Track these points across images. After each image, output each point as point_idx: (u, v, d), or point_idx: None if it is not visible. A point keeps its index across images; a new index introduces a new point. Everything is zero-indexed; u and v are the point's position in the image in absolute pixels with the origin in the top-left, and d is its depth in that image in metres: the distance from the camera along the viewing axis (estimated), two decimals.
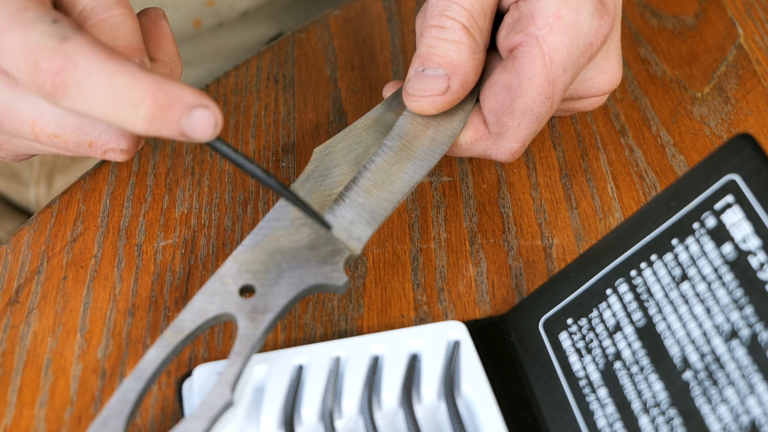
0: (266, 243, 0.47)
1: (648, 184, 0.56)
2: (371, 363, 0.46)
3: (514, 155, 0.53)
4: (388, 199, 0.49)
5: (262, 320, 0.44)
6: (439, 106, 0.51)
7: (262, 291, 0.45)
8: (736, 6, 0.67)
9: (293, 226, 0.47)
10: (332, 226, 0.47)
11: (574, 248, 0.53)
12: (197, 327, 0.44)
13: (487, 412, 0.44)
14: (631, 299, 0.44)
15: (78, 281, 0.51)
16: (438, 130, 0.52)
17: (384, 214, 0.49)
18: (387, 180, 0.50)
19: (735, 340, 0.40)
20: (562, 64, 0.50)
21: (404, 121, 0.52)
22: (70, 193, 0.56)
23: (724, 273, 0.41)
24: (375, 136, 0.52)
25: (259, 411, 0.45)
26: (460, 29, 0.51)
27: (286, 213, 0.48)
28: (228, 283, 0.45)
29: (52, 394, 0.47)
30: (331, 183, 0.49)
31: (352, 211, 0.48)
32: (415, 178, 0.50)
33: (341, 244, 0.47)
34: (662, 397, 0.41)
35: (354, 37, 0.65)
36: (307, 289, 0.45)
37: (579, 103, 0.56)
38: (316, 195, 0.49)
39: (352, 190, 0.49)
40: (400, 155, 0.51)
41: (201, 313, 0.44)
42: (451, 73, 0.51)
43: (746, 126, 0.59)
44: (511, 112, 0.51)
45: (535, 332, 0.47)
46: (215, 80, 0.63)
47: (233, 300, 0.45)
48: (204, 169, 0.57)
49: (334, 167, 0.50)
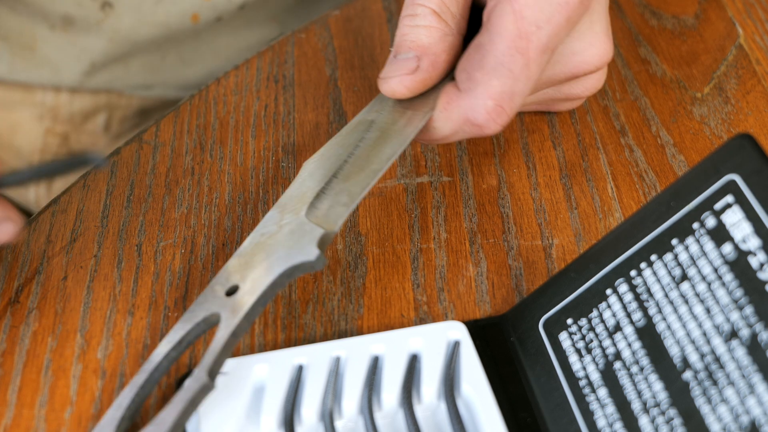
0: (253, 248, 0.47)
1: (648, 184, 0.56)
2: (371, 363, 0.46)
3: (491, 115, 0.50)
4: (364, 179, 0.49)
5: (241, 309, 0.45)
6: (410, 84, 0.51)
7: (244, 287, 0.46)
8: (736, 6, 0.67)
9: (278, 227, 0.48)
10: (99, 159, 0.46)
11: (574, 248, 0.53)
12: (186, 332, 0.45)
13: (487, 412, 0.44)
14: (631, 299, 0.44)
15: (78, 281, 0.52)
16: (415, 112, 0.52)
17: (360, 193, 0.49)
18: (365, 165, 0.50)
19: (735, 340, 0.40)
20: (534, 20, 0.50)
21: (383, 115, 0.52)
22: (70, 193, 0.56)
23: (724, 273, 0.41)
24: (357, 135, 0.52)
25: (259, 411, 0.45)
26: (430, 14, 0.52)
27: (273, 220, 0.48)
28: (217, 290, 0.46)
29: (52, 394, 0.47)
30: (312, 184, 0.50)
31: (331, 198, 0.49)
32: (391, 154, 0.50)
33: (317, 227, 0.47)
34: (662, 397, 0.41)
35: (354, 37, 0.65)
36: (284, 272, 0.46)
37: (574, 87, 0.56)
38: (299, 198, 0.49)
39: (332, 182, 0.50)
40: (378, 142, 0.51)
41: (190, 320, 0.45)
42: (420, 54, 0.51)
43: (746, 126, 0.59)
44: (481, 67, 0.50)
45: (535, 332, 0.47)
46: (215, 80, 0.63)
47: (219, 301, 0.46)
48: (204, 169, 0.57)
49: (318, 170, 0.51)
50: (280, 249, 0.47)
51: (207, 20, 0.72)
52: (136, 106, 0.77)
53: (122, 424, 0.43)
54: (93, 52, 0.73)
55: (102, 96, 0.76)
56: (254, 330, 0.50)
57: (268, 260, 0.46)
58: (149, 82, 0.76)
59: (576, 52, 0.54)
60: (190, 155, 0.58)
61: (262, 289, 0.45)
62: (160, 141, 0.59)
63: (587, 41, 0.54)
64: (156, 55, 0.74)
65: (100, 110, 0.76)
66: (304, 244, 0.47)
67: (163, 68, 0.75)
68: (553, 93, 0.57)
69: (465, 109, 0.51)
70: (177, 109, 0.61)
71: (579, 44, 0.54)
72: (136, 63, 0.74)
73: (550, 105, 0.59)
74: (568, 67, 0.54)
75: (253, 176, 0.57)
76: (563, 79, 0.55)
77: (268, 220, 0.49)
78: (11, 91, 0.75)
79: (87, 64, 0.73)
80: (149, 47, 0.73)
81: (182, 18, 0.72)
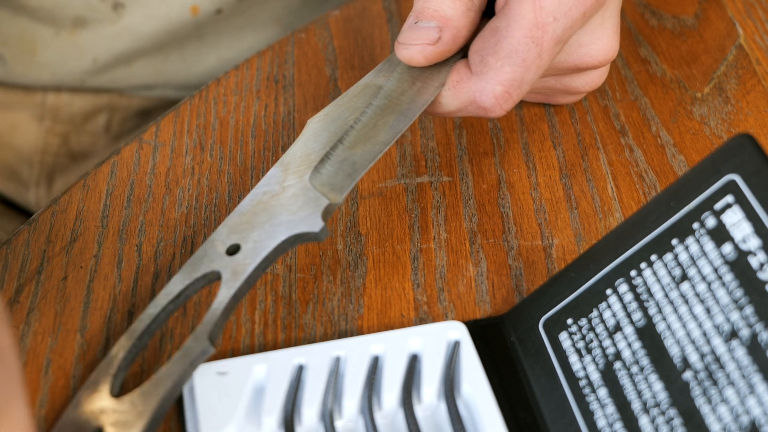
0: (255, 206, 0.48)
1: (648, 184, 0.56)
2: (371, 363, 0.46)
3: (498, 101, 0.51)
4: (370, 150, 0.50)
5: (243, 272, 0.46)
6: (429, 55, 0.51)
7: (246, 248, 0.46)
8: (736, 6, 0.67)
9: (281, 188, 0.49)
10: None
11: (574, 248, 0.53)
12: (185, 287, 0.46)
13: (487, 412, 0.44)
14: (631, 299, 0.44)
15: (78, 281, 0.52)
16: (424, 84, 0.52)
17: (366, 165, 0.49)
18: (371, 134, 0.50)
19: (735, 340, 0.40)
20: (552, 11, 0.50)
21: (392, 81, 0.52)
22: (70, 193, 0.56)
23: (724, 273, 0.41)
24: (364, 99, 0.52)
25: (260, 411, 0.45)
26: None
27: (276, 179, 0.49)
28: (217, 246, 0.47)
29: (52, 394, 0.47)
30: (317, 146, 0.50)
31: (336, 166, 0.49)
32: (399, 128, 0.51)
33: (322, 196, 0.48)
34: (662, 397, 0.41)
35: (354, 37, 0.65)
36: (287, 239, 0.47)
37: (575, 80, 0.56)
38: (303, 158, 0.50)
39: (337, 148, 0.50)
40: (386, 111, 0.51)
41: (189, 275, 0.46)
42: (443, 26, 0.51)
43: (746, 126, 0.59)
44: (495, 52, 0.50)
45: (535, 332, 0.47)
46: (215, 80, 0.63)
47: (220, 259, 0.46)
48: (204, 169, 0.57)
49: (323, 131, 0.51)
50: (283, 213, 0.47)
51: (207, 12, 0.72)
52: (136, 106, 0.77)
53: (119, 373, 0.44)
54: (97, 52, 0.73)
55: (103, 96, 0.76)
56: (254, 330, 0.50)
57: (270, 223, 0.47)
58: (151, 83, 0.76)
59: (583, 44, 0.54)
60: (190, 155, 0.58)
61: (264, 254, 0.46)
62: (160, 141, 0.59)
63: (596, 36, 0.54)
64: (159, 56, 0.74)
65: (100, 111, 0.76)
66: (308, 213, 0.47)
67: (166, 69, 0.75)
68: (553, 83, 0.57)
69: (474, 92, 0.51)
70: (177, 109, 0.61)
71: (588, 38, 0.54)
72: (139, 64, 0.74)
73: (549, 96, 0.59)
74: (573, 58, 0.54)
75: (253, 176, 0.57)
76: (566, 70, 0.55)
77: (270, 177, 0.49)
78: (11, 92, 0.75)
79: (90, 64, 0.73)
80: (153, 48, 0.73)
81: (182, 10, 0.71)
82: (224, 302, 0.45)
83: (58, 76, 0.74)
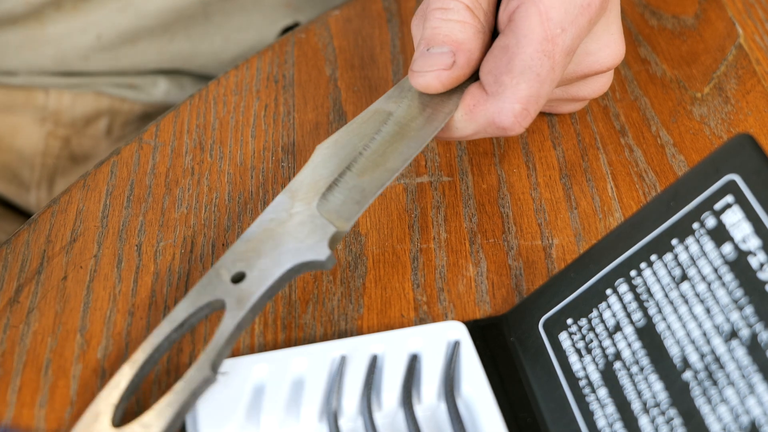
0: (261, 234, 0.47)
1: (648, 184, 0.56)
2: (371, 363, 0.46)
3: (518, 119, 0.50)
4: (379, 177, 0.49)
5: (248, 300, 0.45)
6: (446, 80, 0.51)
7: (251, 275, 0.46)
8: (736, 6, 0.67)
9: (288, 215, 0.48)
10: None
11: (574, 248, 0.53)
12: (189, 315, 0.45)
13: (487, 412, 0.44)
14: (631, 299, 0.44)
15: (78, 281, 0.52)
16: (434, 110, 0.52)
17: (374, 192, 0.49)
18: (380, 161, 0.50)
19: (735, 340, 0.40)
20: (560, 22, 0.50)
21: (402, 108, 0.52)
22: (70, 193, 0.56)
23: (724, 273, 0.41)
24: (374, 125, 0.52)
25: (259, 411, 0.45)
26: (463, 9, 0.51)
27: (283, 206, 0.48)
28: (222, 273, 0.46)
29: (52, 394, 0.47)
30: (326, 173, 0.50)
31: (344, 194, 0.49)
32: (409, 155, 0.50)
33: (329, 223, 0.47)
34: (662, 397, 0.41)
35: (354, 37, 0.65)
36: (293, 268, 0.46)
37: (582, 88, 0.56)
38: (311, 186, 0.49)
39: (346, 174, 0.49)
40: (395, 138, 0.51)
41: (194, 303, 0.45)
42: (456, 50, 0.51)
43: (746, 126, 0.59)
44: (509, 71, 0.50)
45: (535, 332, 0.47)
46: (215, 80, 0.63)
47: (225, 287, 0.46)
48: (204, 169, 0.57)
49: (332, 158, 0.50)
50: (290, 241, 0.47)
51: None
52: (138, 110, 0.76)
53: (121, 403, 0.43)
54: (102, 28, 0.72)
55: (104, 100, 0.76)
56: (254, 330, 0.50)
57: (277, 250, 0.47)
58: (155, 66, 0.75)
59: (590, 52, 0.54)
60: (190, 155, 0.58)
61: (269, 282, 0.45)
62: (160, 141, 0.59)
63: (603, 42, 0.53)
64: (164, 36, 0.74)
65: (102, 114, 0.76)
66: (315, 241, 0.47)
67: (171, 49, 0.75)
68: (560, 93, 0.57)
69: (492, 113, 0.51)
70: (177, 109, 0.61)
71: (595, 45, 0.53)
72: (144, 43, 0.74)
73: (554, 106, 0.59)
74: (581, 67, 0.54)
75: (253, 176, 0.57)
76: (574, 79, 0.55)
77: (277, 205, 0.49)
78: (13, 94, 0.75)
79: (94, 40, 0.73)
80: (158, 27, 0.73)
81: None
82: (228, 331, 0.44)
83: (63, 51, 0.73)
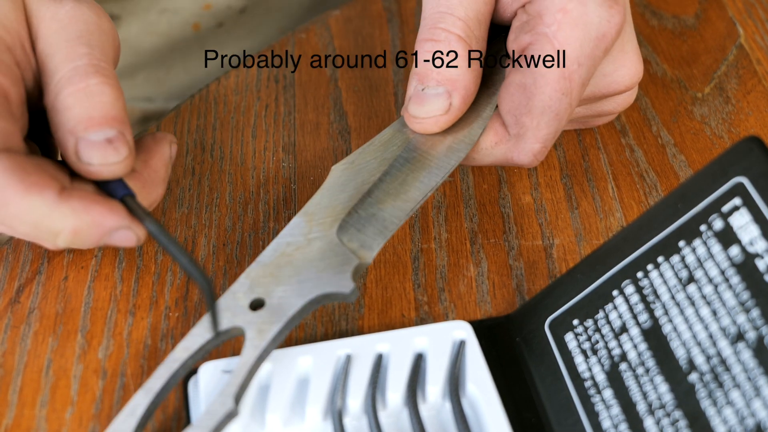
0: (279, 258, 0.46)
1: (649, 184, 0.57)
2: (376, 362, 0.46)
3: (536, 157, 0.51)
4: (401, 207, 0.48)
5: (269, 331, 0.44)
6: (443, 125, 0.51)
7: (271, 303, 0.45)
8: (736, 6, 0.67)
9: (306, 240, 0.47)
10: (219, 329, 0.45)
11: (574, 248, 0.53)
12: (206, 341, 0.44)
13: (491, 412, 0.44)
14: (637, 301, 0.44)
15: (79, 281, 0.51)
16: (455, 138, 0.51)
17: (397, 223, 0.48)
18: (401, 190, 0.49)
19: (741, 343, 0.40)
20: (576, 58, 0.49)
21: (420, 135, 0.51)
22: None
23: (730, 275, 0.41)
24: (392, 150, 0.51)
25: (264, 409, 0.45)
26: (455, 41, 0.50)
27: (300, 229, 0.47)
28: (239, 298, 0.45)
29: (53, 394, 0.47)
30: (343, 197, 0.49)
31: (364, 222, 0.48)
32: (430, 185, 0.49)
33: (351, 254, 0.46)
34: (668, 399, 0.41)
35: (354, 37, 0.65)
36: (315, 299, 0.45)
37: (605, 104, 0.55)
38: (329, 210, 0.48)
39: (366, 201, 0.48)
40: (415, 165, 0.50)
41: (210, 329, 0.44)
42: (451, 90, 0.50)
43: (747, 126, 0.59)
44: (529, 112, 0.50)
45: (541, 333, 0.47)
46: (215, 80, 0.62)
47: (243, 314, 0.45)
48: (204, 169, 0.57)
49: (349, 182, 0.49)
50: (310, 269, 0.46)
51: (208, 27, 0.72)
52: (138, 114, 0.76)
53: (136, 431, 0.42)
54: None
55: None
56: None
57: (296, 278, 0.45)
58: (153, 94, 0.75)
59: (607, 73, 0.53)
60: (191, 155, 0.58)
61: (291, 313, 0.44)
62: None
63: (619, 63, 0.53)
64: (161, 69, 0.74)
65: None
66: (337, 272, 0.46)
67: (168, 81, 0.75)
68: (584, 111, 0.56)
69: (512, 152, 0.51)
70: (177, 109, 0.61)
71: (611, 66, 0.53)
72: (142, 76, 0.74)
73: (583, 122, 0.58)
74: (599, 89, 0.53)
75: (254, 176, 0.57)
76: (593, 100, 0.54)
77: (294, 227, 0.48)
78: None
79: None
80: (154, 59, 0.73)
81: (184, 27, 0.71)
82: (250, 362, 0.43)
83: None
